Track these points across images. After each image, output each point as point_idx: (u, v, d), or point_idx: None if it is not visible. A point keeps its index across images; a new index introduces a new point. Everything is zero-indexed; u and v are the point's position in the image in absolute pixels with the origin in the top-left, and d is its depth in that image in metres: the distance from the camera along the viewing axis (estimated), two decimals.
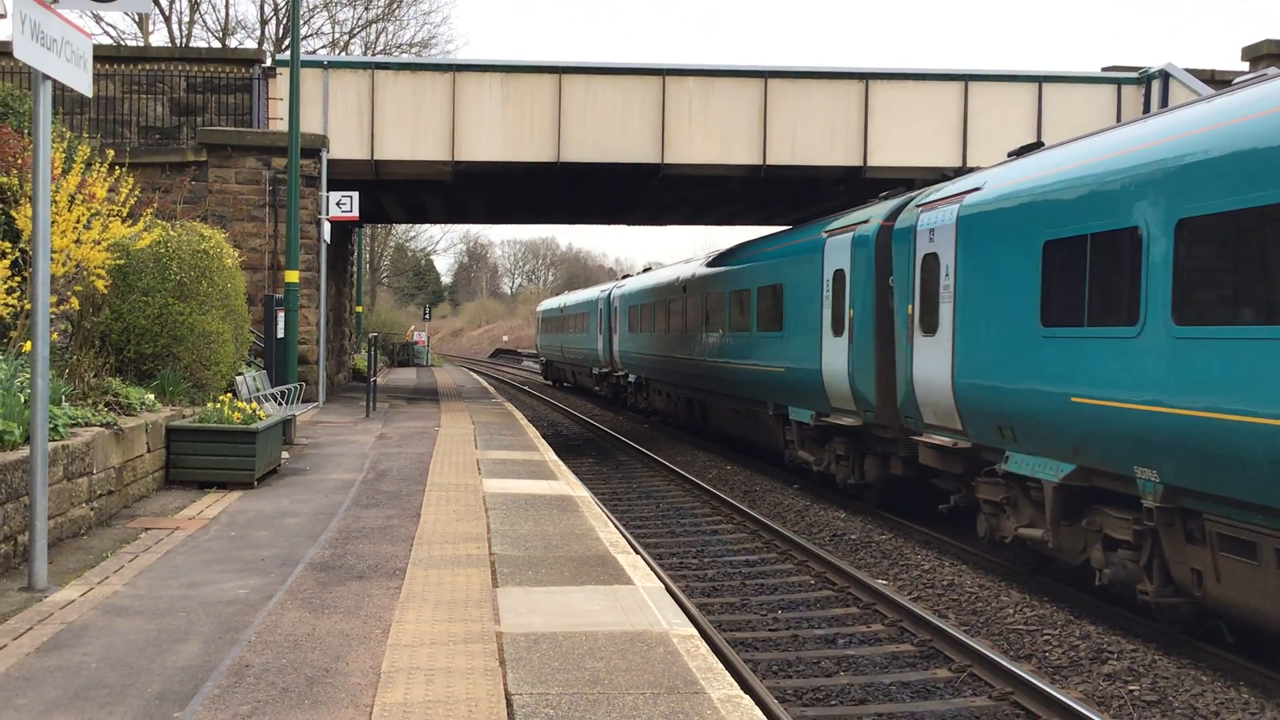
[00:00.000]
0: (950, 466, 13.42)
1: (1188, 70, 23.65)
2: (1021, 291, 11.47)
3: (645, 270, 36.32)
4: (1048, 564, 12.22)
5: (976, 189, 12.82)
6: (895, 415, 14.90)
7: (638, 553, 11.29)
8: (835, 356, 16.42)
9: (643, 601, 7.64)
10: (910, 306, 14.03)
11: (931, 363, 13.34)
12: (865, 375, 15.51)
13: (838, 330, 16.35)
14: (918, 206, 14.34)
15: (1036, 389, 11.09)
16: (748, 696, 5.80)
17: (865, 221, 16.03)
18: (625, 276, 40.25)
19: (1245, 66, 23.89)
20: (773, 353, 19.38)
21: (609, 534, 10.16)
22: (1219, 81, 23.33)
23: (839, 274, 16.49)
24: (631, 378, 34.05)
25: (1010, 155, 13.36)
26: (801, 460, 18.55)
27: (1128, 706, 8.42)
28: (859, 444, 16.47)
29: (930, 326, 13.50)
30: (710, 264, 25.05)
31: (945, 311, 13.10)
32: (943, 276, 13.21)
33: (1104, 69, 25.50)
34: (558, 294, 75.29)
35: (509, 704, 5.54)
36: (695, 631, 7.01)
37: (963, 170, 19.99)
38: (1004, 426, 11.81)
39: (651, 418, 32.37)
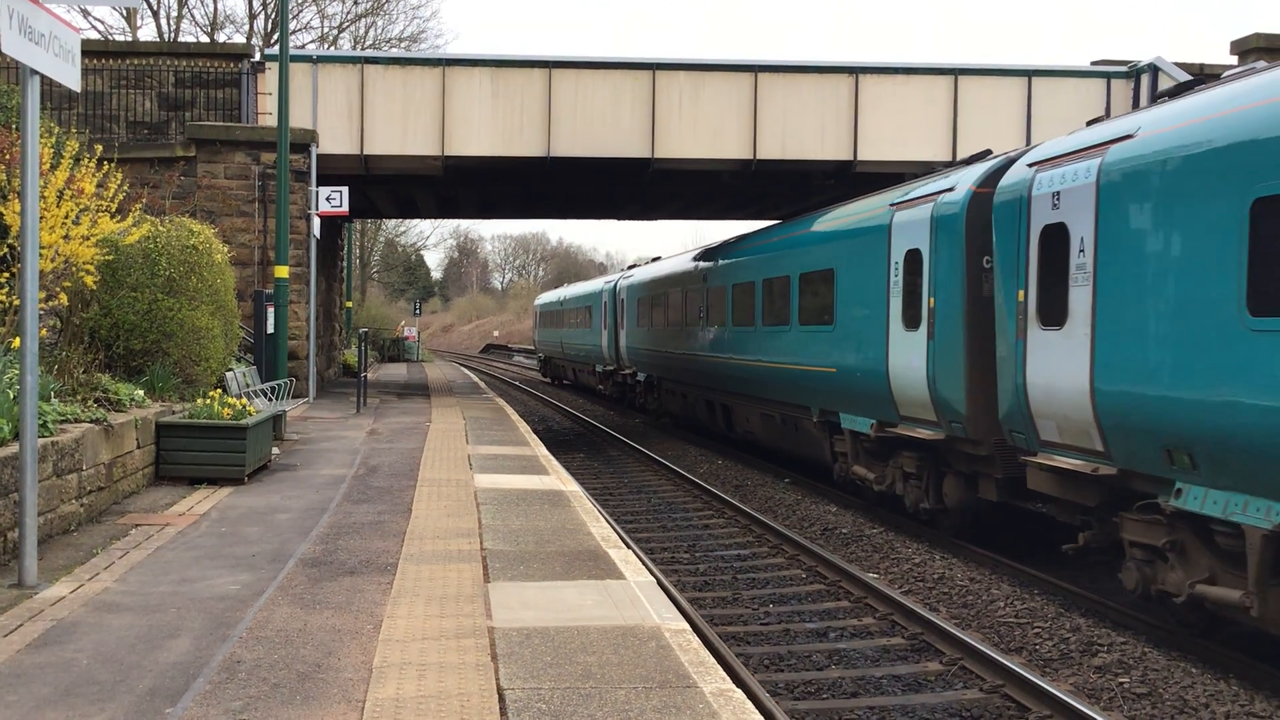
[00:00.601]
0: (1080, 496, 10.65)
1: (1176, 64, 23.70)
2: (1212, 268, 8.68)
3: (654, 259, 32.80)
4: (1223, 625, 9.63)
5: (1126, 136, 9.96)
6: (992, 428, 12.33)
7: (629, 547, 11.30)
8: (908, 355, 13.87)
9: (635, 596, 7.64)
10: (1021, 293, 11.33)
11: (1055, 364, 10.64)
12: (951, 378, 12.93)
13: (911, 323, 13.88)
14: (1032, 165, 11.42)
15: (1237, 400, 8.31)
16: (739, 690, 5.81)
17: (949, 190, 13.38)
18: (631, 266, 36.94)
19: (1234, 60, 23.96)
20: (820, 350, 16.77)
21: (600, 529, 10.16)
22: (1208, 75, 23.33)
23: (913, 255, 13.93)
24: (640, 376, 31.24)
25: (1163, 96, 10.87)
26: (857, 477, 15.83)
27: (1118, 699, 8.45)
28: (935, 461, 13.95)
29: (1053, 317, 10.78)
30: (736, 249, 22.39)
31: (1079, 298, 10.32)
32: (1074, 253, 10.46)
33: (1093, 63, 25.56)
34: (555, 286, 73.83)
35: (501, 699, 5.54)
36: (687, 626, 7.01)
37: (953, 164, 19.96)
38: (1176, 449, 9.09)
39: (663, 420, 29.95)
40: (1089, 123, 11.61)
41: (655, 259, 33.20)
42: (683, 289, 25.89)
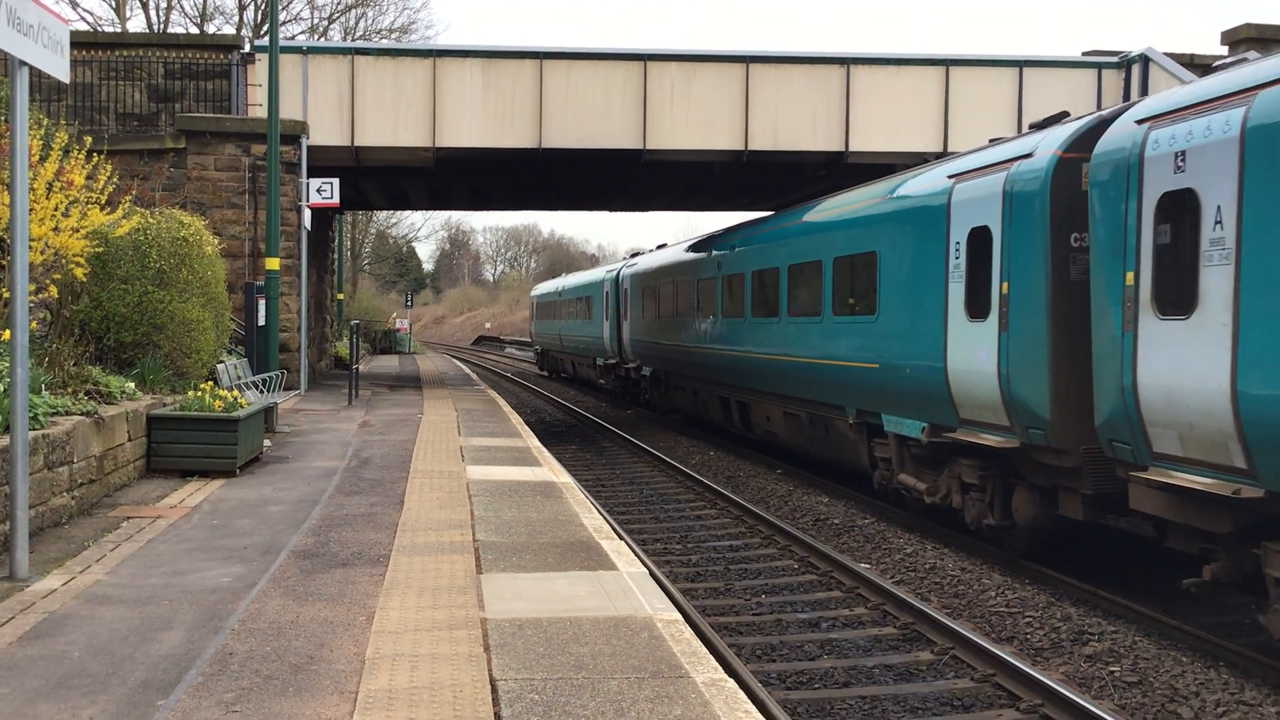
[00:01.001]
0: (1206, 522, 9.06)
1: (1167, 54, 23.73)
2: None
3: (660, 246, 30.86)
4: None
5: (1275, 81, 8.32)
6: (1082, 435, 10.70)
7: (622, 538, 11.32)
8: (973, 349, 12.08)
9: (627, 587, 7.65)
10: (1130, 275, 9.64)
11: (1179, 361, 8.97)
12: (1031, 376, 11.26)
13: (978, 312, 12.18)
14: (1142, 122, 9.71)
15: None
16: (732, 680, 5.83)
17: (1025, 156, 11.62)
18: (634, 254, 34.36)
19: (1224, 50, 23.99)
20: (859, 344, 15.02)
21: (593, 520, 10.16)
22: (1198, 65, 23.42)
23: (979, 235, 12.20)
24: (646, 371, 29.16)
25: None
26: (904, 487, 14.10)
27: (1109, 687, 8.48)
28: (1003, 471, 12.20)
29: (1177, 304, 9.09)
30: (756, 233, 20.60)
31: (1215, 280, 8.63)
32: (1208, 225, 8.73)
33: (1084, 53, 25.59)
34: (548, 278, 72.87)
35: (494, 690, 5.55)
36: (679, 616, 7.03)
37: (944, 155, 19.97)
38: None
39: (671, 418, 28.21)
40: (1215, 68, 9.99)
41: (661, 246, 31.00)
42: (693, 277, 23.92)
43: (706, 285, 22.88)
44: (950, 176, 13.05)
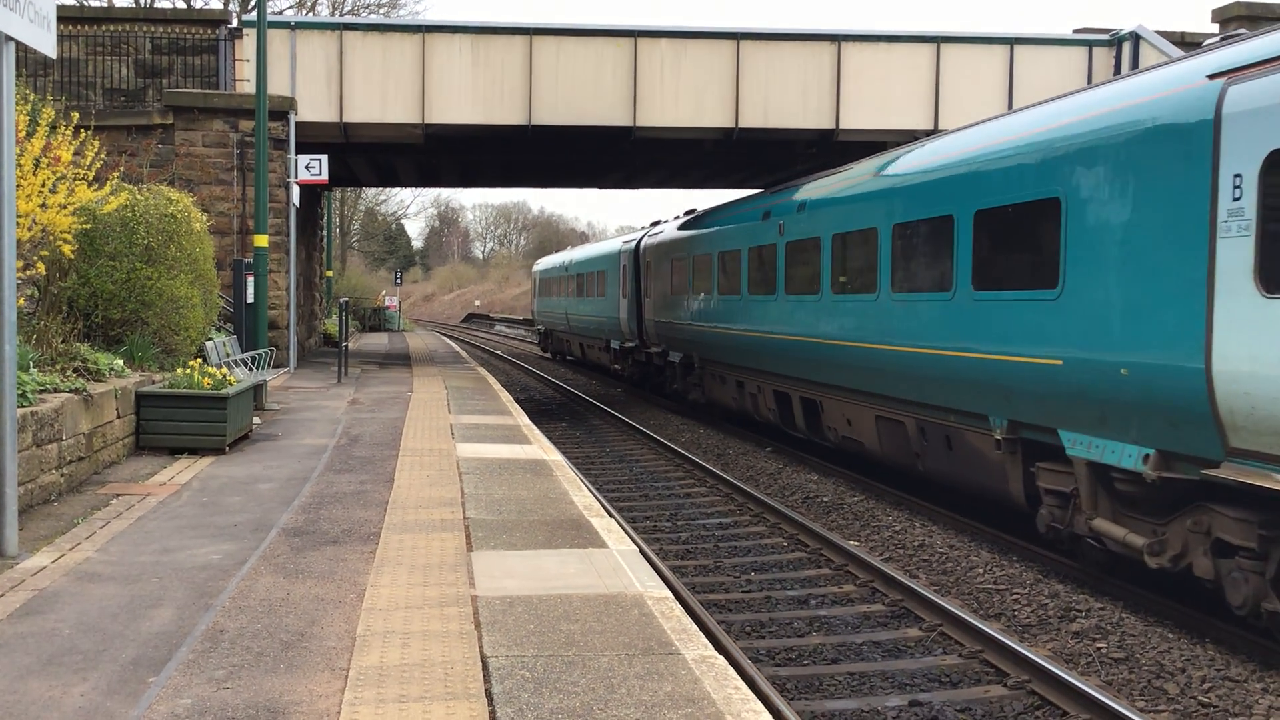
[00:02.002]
0: None
1: (1158, 32, 23.72)
2: None
3: (689, 213, 26.30)
4: None
5: None
6: None
7: (611, 516, 11.35)
8: (1274, 339, 7.96)
9: (617, 564, 7.67)
10: None
11: None
12: None
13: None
14: None
15: None
16: (721, 657, 5.85)
17: None
18: (656, 223, 30.10)
19: (1215, 29, 23.99)
20: (1025, 329, 10.92)
21: (583, 498, 10.18)
22: (1189, 43, 23.42)
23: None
24: (674, 357, 25.03)
25: None
26: (1105, 537, 10.10)
27: (1095, 663, 8.54)
28: None
29: None
30: (839, 186, 16.14)
31: None
32: None
33: (1075, 31, 25.56)
34: (537, 255, 71.69)
35: (485, 666, 5.57)
36: (669, 594, 7.05)
37: (935, 133, 19.96)
38: None
39: (707, 414, 23.79)
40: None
41: (689, 212, 26.21)
42: (742, 246, 20.00)
43: (761, 255, 18.99)
44: (1214, 75, 8.73)
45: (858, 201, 15.27)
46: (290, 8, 45.76)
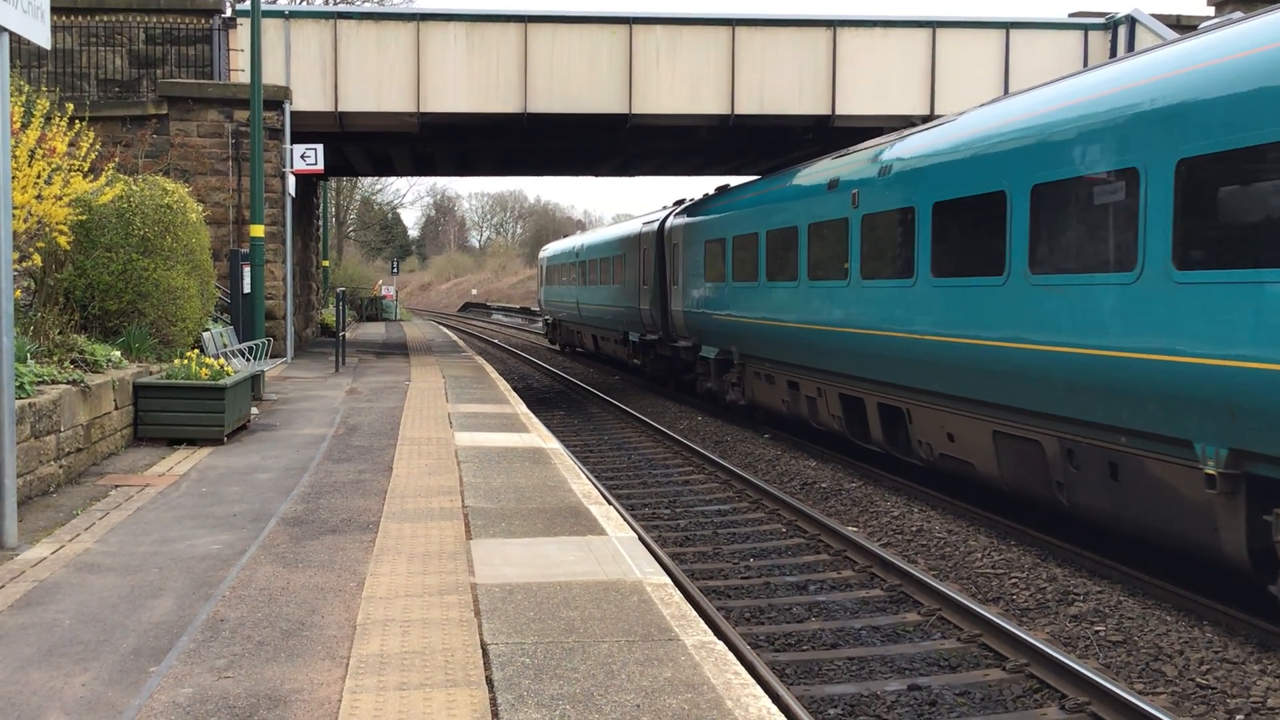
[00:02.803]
0: None
1: (1153, 15, 23.68)
2: None
3: (721, 189, 23.40)
4: None
5: None
6: None
7: (610, 504, 11.35)
8: None
9: (616, 551, 7.69)
10: None
11: None
12: None
13: None
14: None
15: None
16: (721, 642, 5.87)
17: None
18: (679, 202, 26.98)
19: (1210, 11, 23.95)
20: (1272, 326, 7.97)
21: (581, 485, 10.20)
22: (1184, 26, 23.38)
23: None
24: (708, 352, 21.97)
25: None
26: None
27: (1094, 646, 8.57)
28: None
29: None
30: (944, 139, 13.04)
31: None
32: None
33: (1070, 15, 25.51)
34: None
35: (485, 654, 5.58)
36: (668, 580, 7.06)
37: (931, 118, 19.93)
38: None
39: (752, 417, 20.57)
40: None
41: (722, 189, 23.34)
42: (800, 223, 16.78)
43: (825, 233, 15.89)
44: None
45: (977, 162, 11.92)
46: None
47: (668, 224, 25.51)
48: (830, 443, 17.32)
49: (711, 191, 23.62)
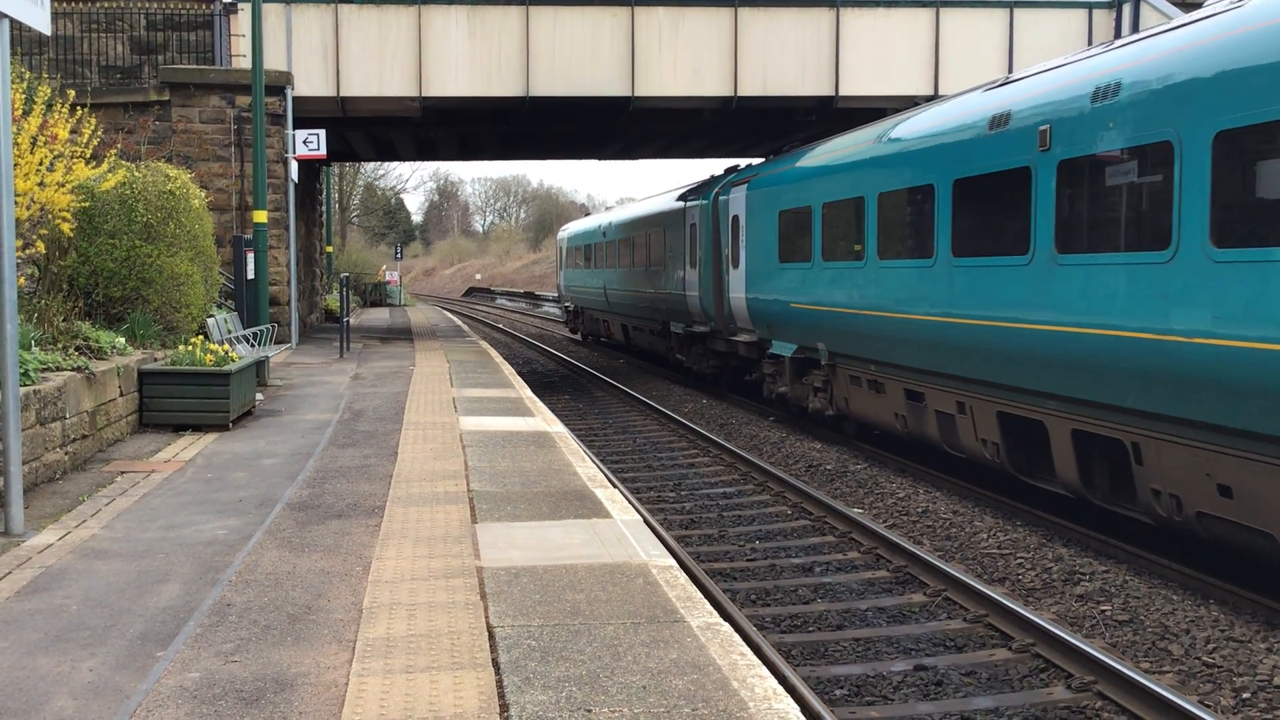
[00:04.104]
0: None
1: None
2: None
3: (797, 144, 19.66)
4: None
5: None
6: None
7: (615, 487, 11.37)
8: None
9: (621, 534, 7.69)
10: None
11: None
12: None
13: None
14: None
15: None
16: (727, 624, 5.87)
17: None
18: (731, 170, 23.08)
19: None
20: None
21: (586, 469, 10.19)
22: (1190, 4, 23.25)
23: None
24: (782, 349, 18.12)
25: None
26: None
27: (1100, 626, 8.57)
28: None
29: None
30: (1209, 35, 8.93)
31: None
32: None
33: None
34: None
35: (491, 636, 5.59)
36: (674, 562, 7.06)
37: (935, 98, 19.85)
38: None
39: (840, 429, 16.86)
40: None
41: (800, 143, 19.60)
42: (939, 180, 12.70)
43: (984, 192, 11.97)
44: None
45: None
46: None
47: (727, 195, 21.29)
48: (967, 472, 13.48)
49: (789, 149, 19.92)
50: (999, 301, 11.53)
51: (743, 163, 24.67)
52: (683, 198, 24.69)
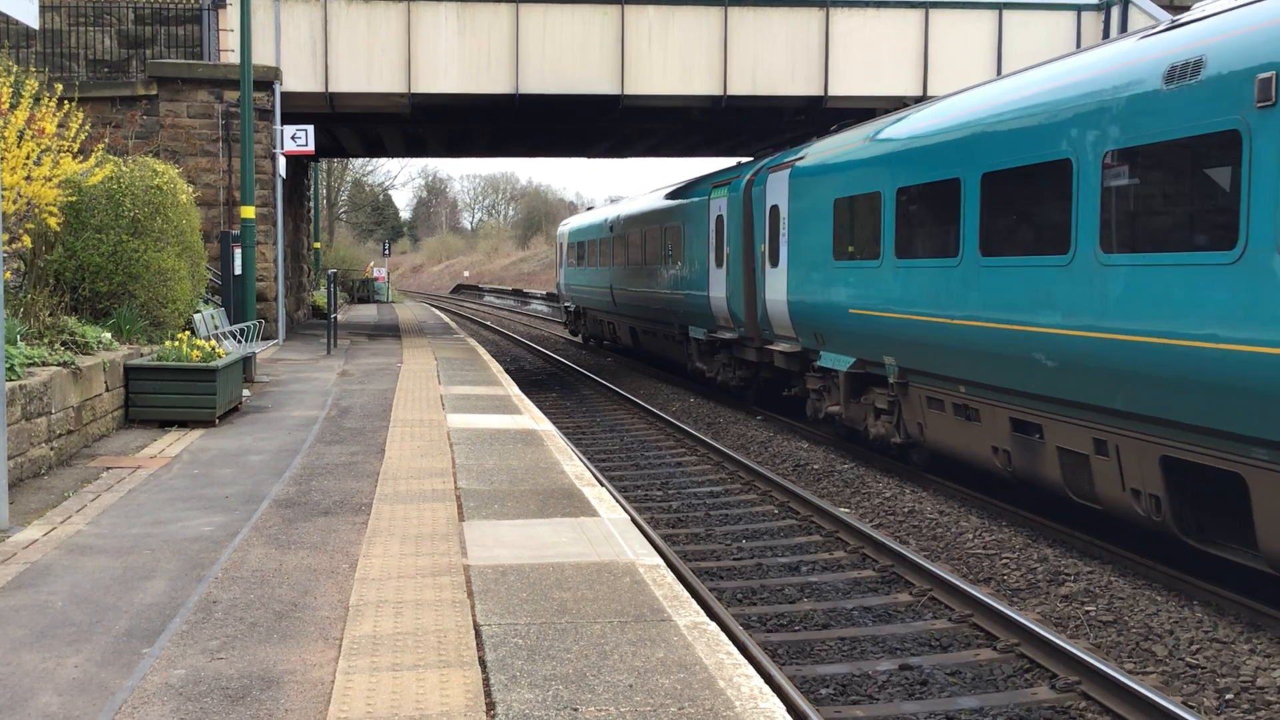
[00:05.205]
0: None
1: None
2: None
3: (857, 119, 16.88)
4: None
5: None
6: None
7: (603, 485, 11.36)
8: None
9: (609, 533, 7.70)
10: None
11: None
12: None
13: None
14: None
15: None
16: (713, 623, 5.88)
17: None
18: (759, 157, 20.97)
19: None
20: None
21: (574, 467, 10.20)
22: (1178, 7, 23.34)
23: None
24: (834, 362, 15.40)
25: None
26: None
27: (1084, 626, 8.61)
28: None
29: None
30: None
31: None
32: None
33: None
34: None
35: (478, 634, 5.59)
36: (661, 561, 7.07)
37: (924, 99, 19.89)
38: None
39: (906, 459, 14.30)
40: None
41: (861, 118, 17.04)
42: (1092, 150, 9.75)
43: (1162, 165, 9.33)
44: None
45: None
46: None
47: (765, 181, 18.46)
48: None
49: (840, 126, 16.85)
50: (1183, 314, 8.63)
51: (731, 161, 24.65)
52: (705, 187, 22.32)
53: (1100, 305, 9.60)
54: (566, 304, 40.56)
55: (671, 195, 25.43)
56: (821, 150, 16.50)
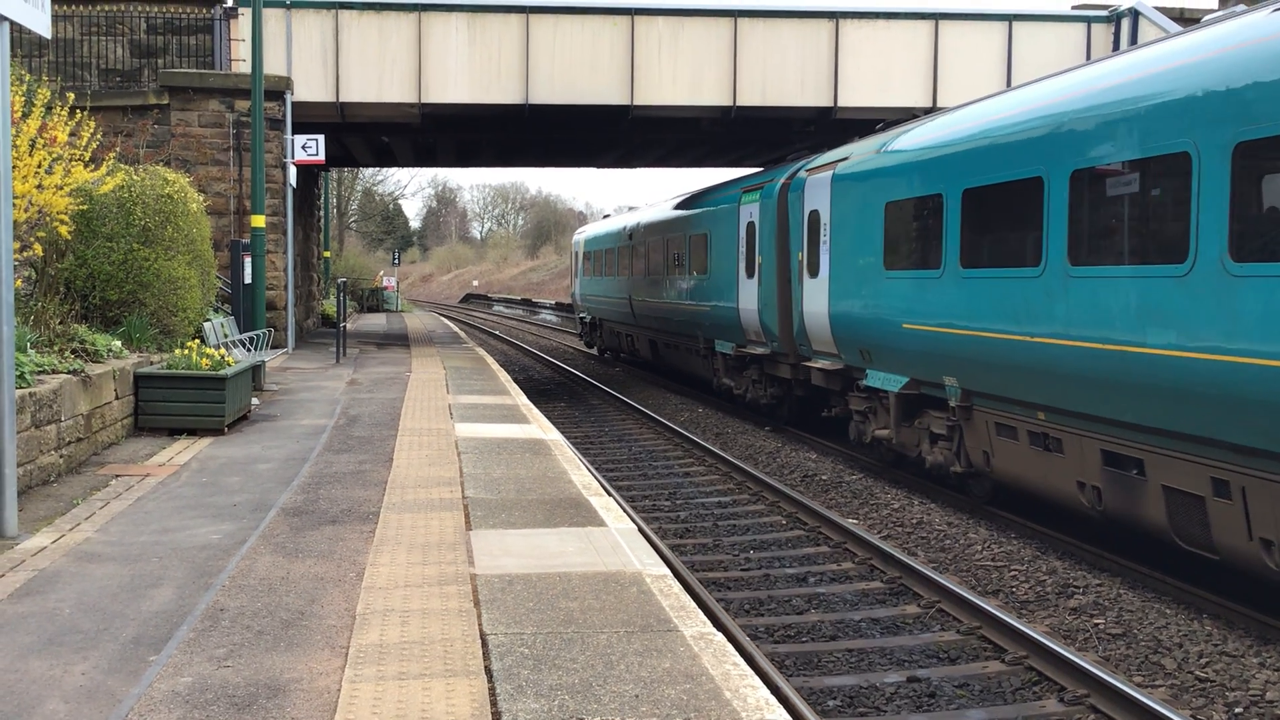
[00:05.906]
0: None
1: (1157, 8, 23.64)
2: None
3: (910, 117, 15.81)
4: None
5: None
6: None
7: (610, 495, 11.37)
8: None
9: (616, 543, 7.69)
10: None
11: None
12: None
13: None
14: None
15: None
16: (720, 634, 5.87)
17: None
18: (791, 158, 19.84)
19: (1214, 4, 23.90)
20: None
21: (581, 477, 10.19)
22: (1188, 19, 23.34)
23: None
24: (887, 382, 14.06)
25: None
26: None
27: (1093, 639, 8.58)
28: None
29: None
30: None
31: None
32: None
33: (1074, 7, 25.48)
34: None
35: (484, 644, 5.58)
36: (668, 572, 7.06)
37: (933, 110, 19.88)
38: None
39: (964, 489, 13.15)
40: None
41: (880, 127, 16.08)
42: (1221, 141, 8.28)
43: None
44: None
45: None
46: None
47: (804, 186, 17.07)
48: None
49: (895, 129, 15.14)
50: None
51: (739, 172, 24.64)
52: (734, 192, 20.92)
53: (1228, 323, 8.19)
54: (582, 315, 38.95)
55: (696, 201, 24.10)
56: (870, 149, 15.14)
